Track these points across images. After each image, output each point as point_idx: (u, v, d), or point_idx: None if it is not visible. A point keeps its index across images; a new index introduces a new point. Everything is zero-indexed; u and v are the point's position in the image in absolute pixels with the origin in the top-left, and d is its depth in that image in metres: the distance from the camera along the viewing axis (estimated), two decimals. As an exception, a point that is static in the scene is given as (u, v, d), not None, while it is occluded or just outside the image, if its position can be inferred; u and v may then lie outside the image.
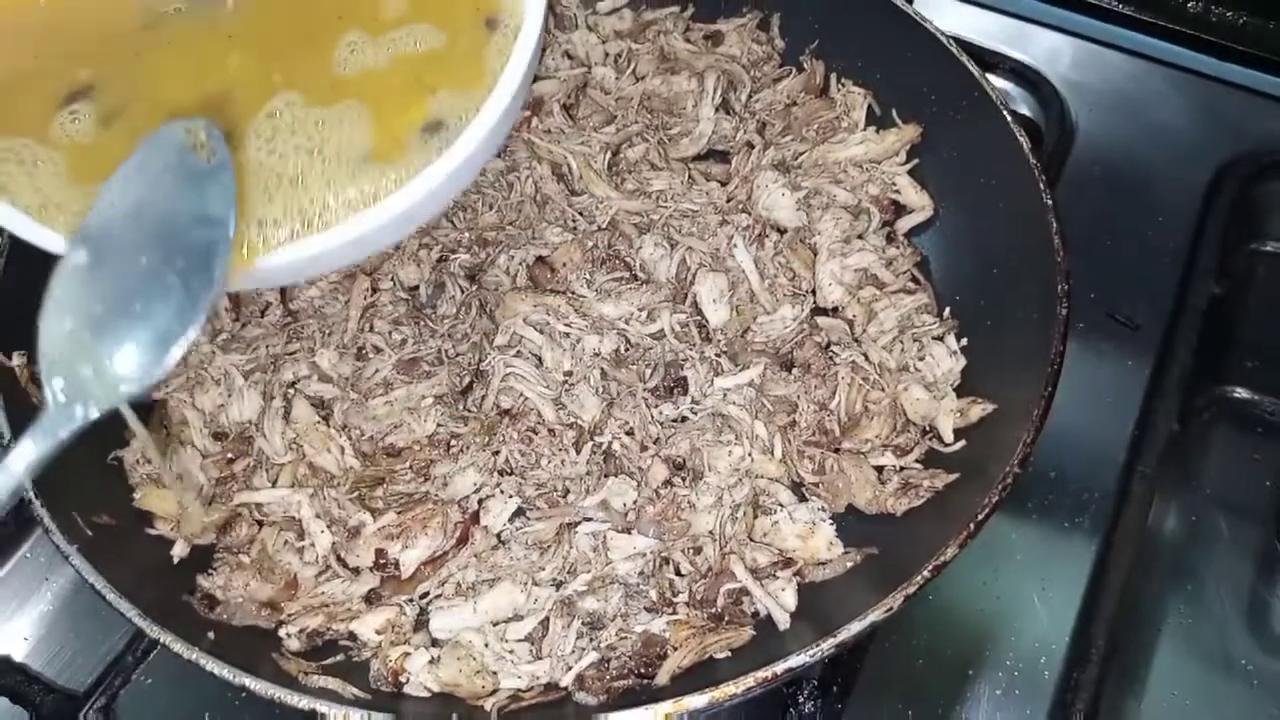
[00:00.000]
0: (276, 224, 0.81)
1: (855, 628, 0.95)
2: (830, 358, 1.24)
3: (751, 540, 1.14)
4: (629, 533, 1.13)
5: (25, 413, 1.10)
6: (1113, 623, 1.18)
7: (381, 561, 1.10)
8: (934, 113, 1.36)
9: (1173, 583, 1.25)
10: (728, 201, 1.37)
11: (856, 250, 1.30)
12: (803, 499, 1.17)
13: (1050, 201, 1.17)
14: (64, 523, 1.02)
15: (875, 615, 0.95)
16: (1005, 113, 1.24)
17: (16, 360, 1.11)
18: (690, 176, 1.40)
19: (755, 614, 1.10)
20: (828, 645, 0.94)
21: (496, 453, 1.18)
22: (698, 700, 0.92)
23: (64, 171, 0.83)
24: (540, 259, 1.31)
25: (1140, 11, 1.68)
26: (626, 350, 1.25)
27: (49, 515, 1.02)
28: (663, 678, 1.04)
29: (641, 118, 1.44)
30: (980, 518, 0.98)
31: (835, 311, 1.30)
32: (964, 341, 1.25)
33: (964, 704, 1.16)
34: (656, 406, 1.21)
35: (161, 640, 0.96)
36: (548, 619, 1.09)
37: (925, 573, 0.96)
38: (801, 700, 1.13)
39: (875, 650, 1.17)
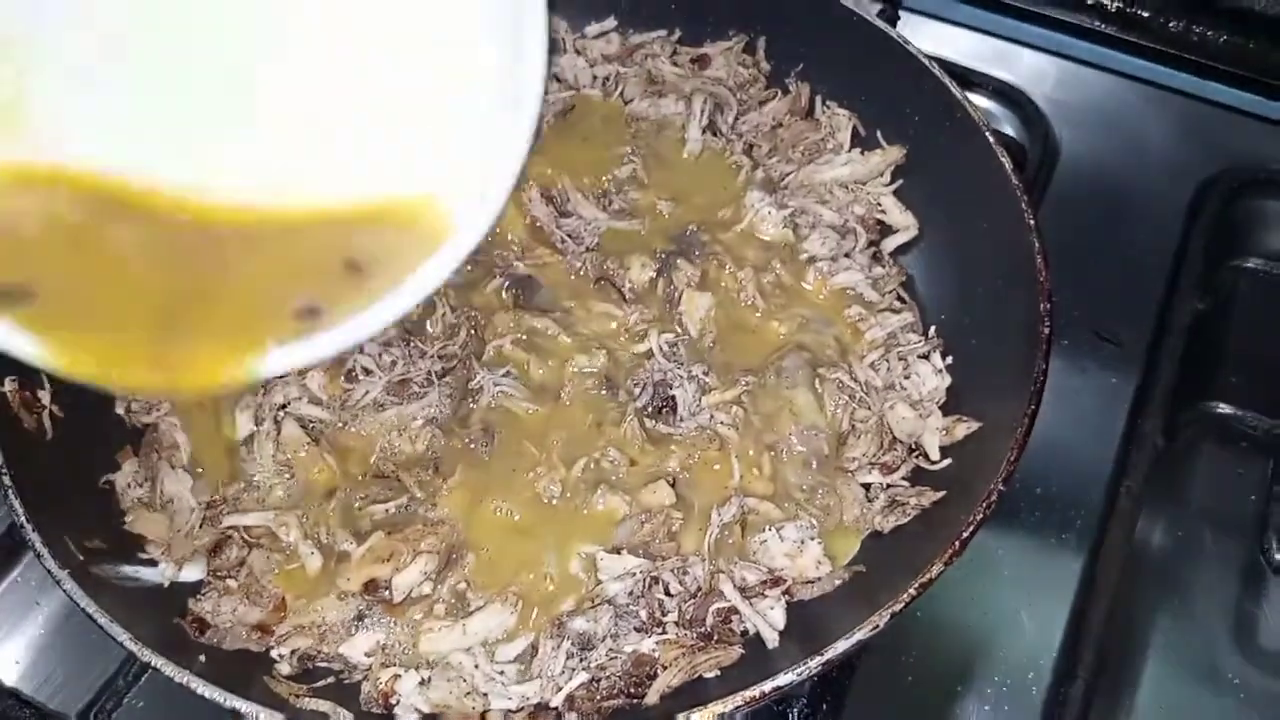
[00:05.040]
0: None
1: (842, 646, 0.95)
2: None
3: (740, 559, 1.14)
4: (618, 553, 1.13)
5: (18, 438, 1.10)
6: (1100, 638, 1.19)
7: (372, 586, 1.11)
8: (918, 134, 1.38)
9: (1159, 597, 1.26)
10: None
11: (843, 269, 1.32)
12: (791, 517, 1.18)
13: (1032, 221, 1.18)
14: (55, 547, 1.02)
15: (862, 634, 0.95)
16: (987, 133, 1.26)
17: (9, 385, 1.12)
18: (677, 198, 1.41)
19: (744, 632, 1.10)
20: (815, 664, 0.94)
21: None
22: (686, 720, 0.93)
23: None
24: (529, 278, 1.33)
25: (1122, 31, 1.70)
26: (615, 369, 1.26)
27: (40, 540, 1.02)
28: (652, 697, 1.04)
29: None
30: (965, 535, 0.99)
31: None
32: (949, 360, 1.26)
33: (953, 720, 1.17)
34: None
35: (153, 664, 0.96)
36: (537, 640, 1.09)
37: (911, 590, 0.97)
38: (792, 718, 1.14)
39: (865, 667, 1.18)
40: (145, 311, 0.74)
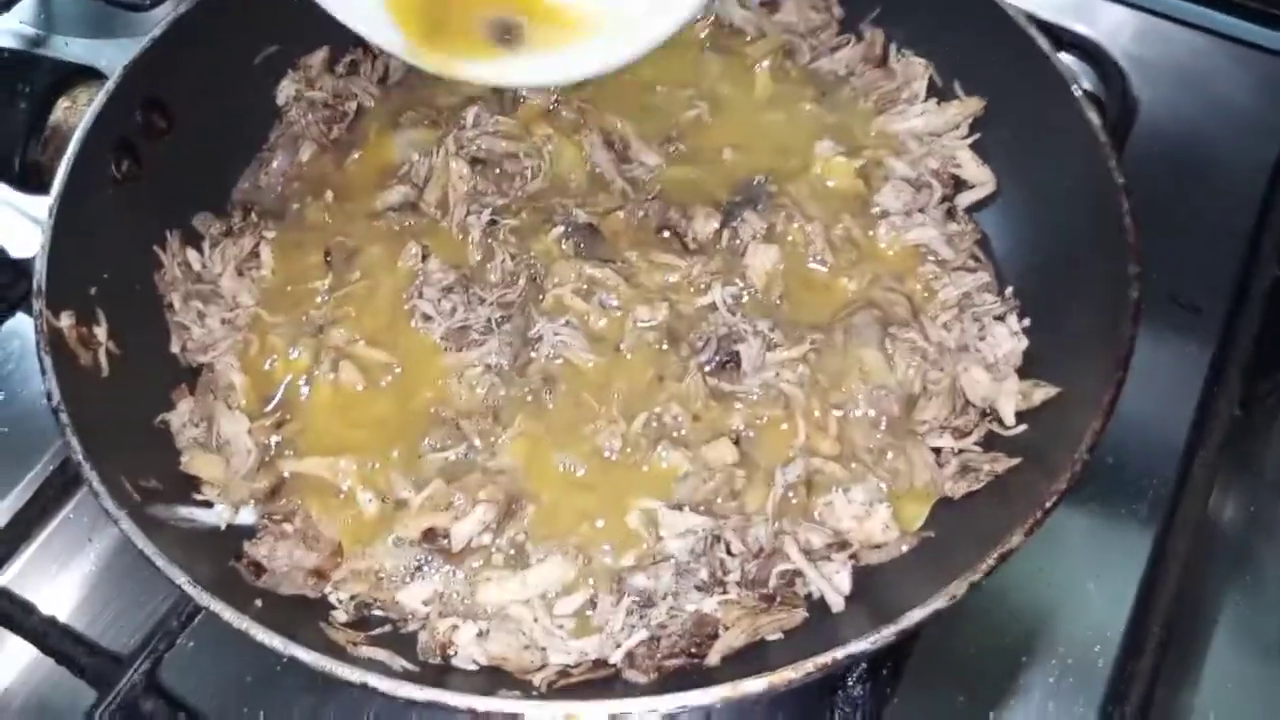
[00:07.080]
0: None
1: (917, 615, 0.92)
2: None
3: (805, 520, 1.11)
4: (680, 509, 1.11)
5: (74, 375, 1.08)
6: (1169, 612, 1.16)
7: (431, 535, 1.09)
8: (997, 85, 1.32)
9: (1231, 572, 1.23)
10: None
11: (916, 225, 1.27)
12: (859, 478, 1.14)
13: (1121, 180, 1.13)
14: (112, 486, 1.01)
15: (939, 603, 0.92)
16: (1074, 89, 1.20)
17: (65, 320, 1.10)
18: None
19: (808, 595, 1.08)
20: (889, 632, 0.92)
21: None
22: (755, 684, 0.90)
23: None
24: (590, 227, 1.29)
25: (1205, -17, 1.63)
26: (677, 322, 1.22)
27: (98, 478, 1.00)
28: (714, 658, 1.02)
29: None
30: (1049, 505, 0.96)
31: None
32: (1026, 322, 1.21)
33: (1016, 692, 1.15)
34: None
35: (211, 607, 0.95)
36: (596, 595, 1.07)
37: (991, 560, 0.94)
38: (850, 683, 1.12)
39: (926, 635, 1.15)
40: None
